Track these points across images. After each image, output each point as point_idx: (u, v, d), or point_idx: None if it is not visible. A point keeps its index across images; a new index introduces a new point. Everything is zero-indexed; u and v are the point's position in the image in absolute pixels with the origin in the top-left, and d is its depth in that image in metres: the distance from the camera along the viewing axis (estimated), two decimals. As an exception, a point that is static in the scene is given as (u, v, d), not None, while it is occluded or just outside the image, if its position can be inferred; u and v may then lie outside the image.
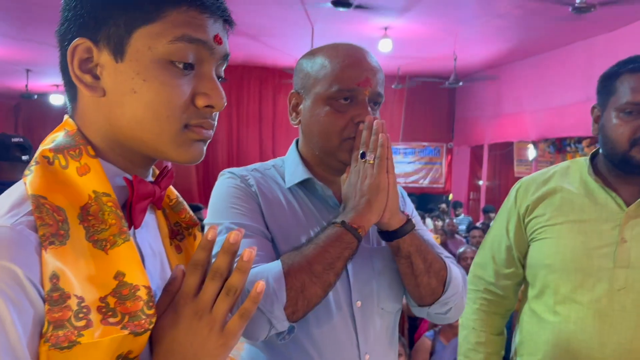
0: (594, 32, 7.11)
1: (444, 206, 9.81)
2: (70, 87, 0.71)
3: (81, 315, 0.59)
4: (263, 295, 0.97)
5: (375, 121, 1.10)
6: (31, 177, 0.64)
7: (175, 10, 0.67)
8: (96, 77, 0.68)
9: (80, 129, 0.71)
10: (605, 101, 1.44)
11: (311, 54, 1.20)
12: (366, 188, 1.07)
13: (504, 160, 10.21)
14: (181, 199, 0.85)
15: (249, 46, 8.25)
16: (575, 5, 5.49)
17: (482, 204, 10.11)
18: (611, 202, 1.42)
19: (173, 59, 0.67)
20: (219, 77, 0.74)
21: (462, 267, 1.25)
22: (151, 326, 0.64)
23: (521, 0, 5.86)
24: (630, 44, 6.33)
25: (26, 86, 10.33)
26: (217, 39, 0.71)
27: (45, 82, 10.75)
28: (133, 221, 0.71)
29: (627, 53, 1.55)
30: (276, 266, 1.02)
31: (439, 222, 8.03)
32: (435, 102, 11.18)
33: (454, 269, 1.19)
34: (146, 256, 0.74)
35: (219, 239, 0.70)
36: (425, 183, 11.29)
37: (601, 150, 1.48)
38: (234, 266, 0.69)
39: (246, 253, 0.67)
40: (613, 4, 5.49)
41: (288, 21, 7.07)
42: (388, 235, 1.12)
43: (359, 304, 1.14)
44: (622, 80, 1.39)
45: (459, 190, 11.11)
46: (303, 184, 1.19)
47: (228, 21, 0.74)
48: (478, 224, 7.67)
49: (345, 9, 6.08)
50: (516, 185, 1.61)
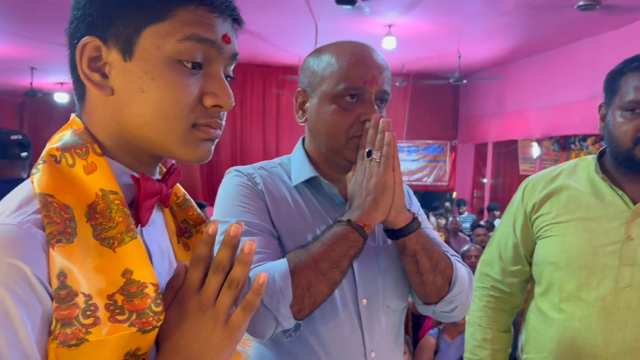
0: (599, 29, 7.09)
1: (448, 204, 9.81)
2: (79, 85, 0.71)
3: (89, 313, 0.60)
4: (269, 293, 0.98)
5: (381, 119, 1.10)
6: (38, 176, 0.65)
7: (184, 9, 0.67)
8: (104, 76, 0.68)
9: (87, 127, 0.71)
10: (611, 100, 1.44)
11: (318, 52, 1.19)
12: (372, 186, 1.07)
13: (508, 158, 10.19)
14: (188, 196, 0.85)
15: (252, 44, 8.25)
16: (581, 3, 5.47)
17: (486, 202, 10.10)
18: (618, 200, 1.42)
19: (181, 58, 0.67)
20: (227, 76, 0.73)
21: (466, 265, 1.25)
22: (159, 323, 0.65)
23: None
24: (636, 41, 6.31)
25: (31, 84, 10.37)
26: (226, 39, 0.71)
27: (50, 80, 10.79)
28: (140, 219, 0.71)
29: (633, 50, 1.54)
30: (282, 264, 1.02)
31: (442, 220, 8.03)
32: (440, 100, 11.17)
33: (460, 267, 1.19)
34: (154, 254, 0.74)
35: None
36: (429, 181, 11.28)
37: (607, 148, 1.48)
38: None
39: (246, 245, 0.67)
40: (619, 1, 5.46)
41: (292, 19, 7.07)
42: (394, 233, 1.12)
43: (364, 301, 1.14)
44: (626, 79, 1.39)
45: (463, 188, 11.10)
46: (309, 182, 1.19)
47: (237, 20, 0.74)
48: (482, 222, 7.66)
49: (349, 7, 6.07)
50: (523, 183, 1.61)
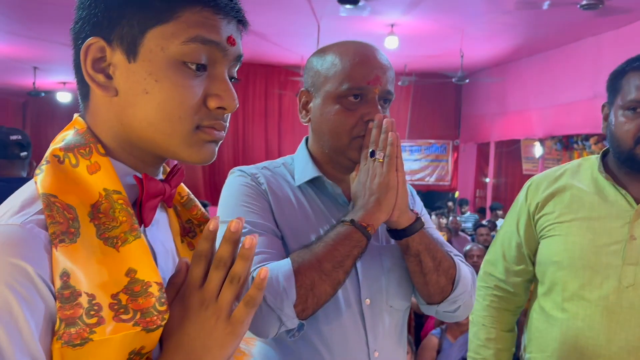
0: (601, 28, 7.07)
1: (451, 204, 9.80)
2: (83, 86, 0.71)
3: (92, 312, 0.60)
4: (273, 293, 0.98)
5: (385, 119, 1.10)
6: (42, 176, 0.65)
7: (188, 11, 0.67)
8: (109, 77, 0.68)
9: (90, 127, 0.71)
10: (613, 99, 1.44)
11: (321, 51, 1.19)
12: (375, 187, 1.07)
13: (510, 157, 10.18)
14: (192, 196, 0.85)
15: (255, 43, 8.25)
16: (584, 2, 5.46)
17: (489, 202, 10.09)
18: (621, 199, 1.42)
19: (186, 59, 0.67)
20: (231, 77, 0.73)
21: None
22: (164, 322, 0.65)
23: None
24: (638, 40, 6.31)
25: (33, 84, 10.39)
26: (231, 41, 0.70)
27: (53, 79, 10.80)
28: (143, 219, 0.71)
29: (635, 50, 1.54)
30: (286, 264, 1.02)
31: (443, 220, 8.01)
32: (442, 99, 11.16)
33: (463, 267, 1.19)
34: (158, 253, 0.74)
35: None
36: (431, 180, 11.27)
37: (609, 148, 1.48)
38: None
39: (247, 240, 0.67)
40: (621, 0, 5.45)
41: (294, 18, 7.07)
42: (397, 233, 1.12)
43: (367, 301, 1.15)
44: (628, 78, 1.40)
45: (465, 187, 11.09)
46: (312, 182, 1.19)
47: (242, 22, 0.74)
48: (484, 222, 7.65)
49: (351, 6, 6.07)
50: (527, 183, 1.61)
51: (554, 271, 1.47)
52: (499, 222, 7.59)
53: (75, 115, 0.73)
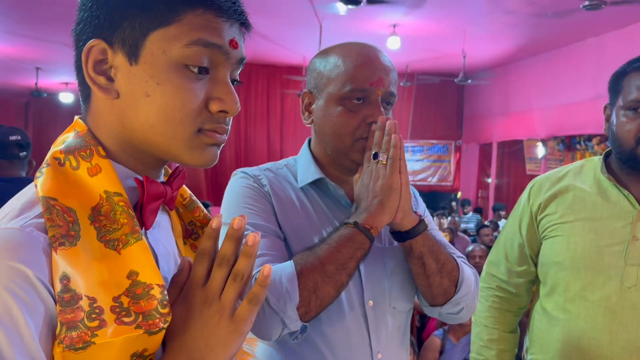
0: (604, 28, 7.07)
1: (454, 204, 9.79)
2: (84, 87, 0.71)
3: (94, 315, 0.59)
4: (276, 295, 0.98)
5: (388, 122, 1.10)
6: (42, 179, 0.64)
7: (191, 13, 0.66)
8: (110, 79, 0.68)
9: (91, 129, 0.70)
10: (614, 100, 1.45)
11: (324, 53, 1.19)
12: (379, 189, 1.07)
13: (512, 158, 10.17)
14: (194, 197, 0.85)
15: (256, 44, 8.25)
16: (587, 3, 5.45)
17: (491, 202, 10.08)
18: (624, 200, 1.42)
19: (188, 62, 0.66)
20: (234, 80, 0.73)
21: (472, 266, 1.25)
22: (166, 325, 0.64)
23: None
24: (641, 40, 6.29)
25: (36, 84, 10.41)
26: (233, 44, 0.70)
27: (55, 80, 10.82)
28: (144, 222, 0.70)
29: (637, 50, 1.55)
30: (289, 266, 1.02)
31: (444, 220, 7.99)
32: (444, 100, 11.16)
33: (466, 269, 1.19)
34: (159, 256, 0.74)
35: None
36: (433, 181, 11.27)
37: (611, 148, 1.48)
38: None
39: (250, 238, 0.67)
40: (623, 0, 5.44)
41: (296, 18, 7.07)
42: (400, 235, 1.12)
43: (370, 303, 1.14)
44: (629, 79, 1.40)
45: (467, 188, 11.09)
46: (315, 183, 1.19)
47: (245, 24, 0.73)
48: (486, 222, 7.64)
49: (353, 7, 6.07)
50: (530, 184, 1.61)
51: (556, 272, 1.47)
52: (501, 222, 7.58)
53: (76, 118, 0.72)
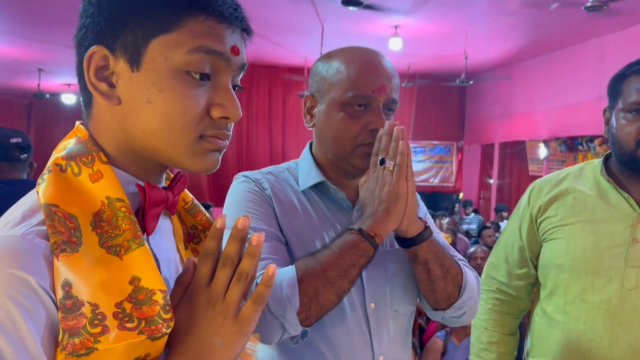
0: (606, 29, 7.06)
1: (457, 206, 9.77)
2: (86, 93, 0.71)
3: (96, 321, 0.59)
4: (277, 300, 0.98)
5: (396, 127, 1.09)
6: (44, 186, 0.64)
7: (193, 20, 0.66)
8: (112, 85, 0.67)
9: (93, 135, 0.70)
10: (614, 103, 1.45)
11: (327, 57, 1.19)
12: (385, 196, 1.06)
13: (514, 158, 10.16)
14: (196, 201, 0.85)
15: (258, 45, 8.20)
16: (588, 4, 5.45)
17: (493, 203, 10.07)
18: (624, 202, 1.42)
19: (190, 69, 0.66)
20: (235, 86, 0.73)
21: (473, 268, 1.25)
22: (169, 330, 0.64)
23: (532, -2, 5.83)
24: (643, 41, 6.28)
25: (38, 85, 10.43)
26: (235, 50, 0.70)
27: (57, 81, 10.85)
28: (146, 228, 0.70)
29: (639, 51, 1.54)
30: (290, 271, 1.02)
31: (444, 221, 7.97)
32: (446, 101, 11.16)
33: (469, 272, 1.19)
34: (161, 261, 0.74)
35: None
36: (435, 182, 11.26)
37: (611, 151, 1.48)
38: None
39: (254, 238, 0.67)
40: (626, 1, 5.44)
41: (298, 20, 7.08)
42: (405, 242, 1.11)
43: (372, 306, 1.14)
44: (629, 82, 1.41)
45: (469, 189, 11.08)
46: (317, 187, 1.19)
47: (246, 30, 0.73)
48: (488, 223, 7.63)
49: (355, 8, 6.07)
50: (530, 186, 1.62)
51: (556, 274, 1.48)
52: (503, 223, 7.57)
53: (77, 123, 0.72)
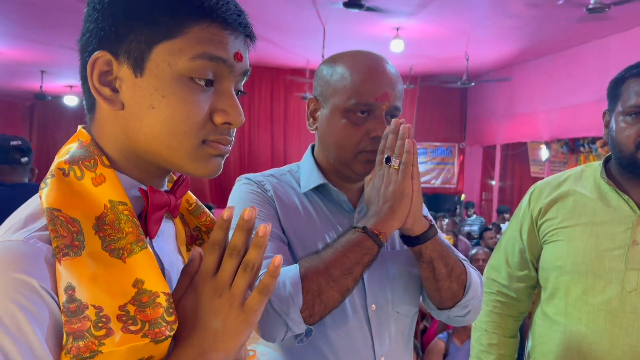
0: (607, 31, 7.06)
1: (458, 208, 9.76)
2: (89, 97, 0.71)
3: (101, 324, 0.60)
4: (280, 298, 0.98)
5: (402, 126, 1.09)
6: (46, 191, 0.65)
7: (197, 27, 0.67)
8: (115, 90, 0.68)
9: (95, 139, 0.71)
10: (613, 106, 1.46)
11: (332, 60, 1.19)
12: (390, 194, 1.06)
13: (516, 160, 10.15)
14: (200, 203, 0.85)
15: (260, 47, 8.18)
16: (590, 6, 5.45)
17: (495, 205, 10.06)
18: (624, 204, 1.43)
19: (193, 75, 0.67)
20: (237, 91, 0.73)
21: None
22: (172, 333, 0.64)
23: (534, 0, 5.83)
24: (644, 43, 6.28)
25: (40, 87, 10.45)
26: (238, 57, 0.70)
27: (60, 83, 10.86)
28: (148, 231, 0.71)
29: (641, 53, 1.55)
30: (294, 269, 1.02)
31: (444, 222, 7.96)
32: (447, 102, 11.15)
33: (473, 272, 1.19)
34: (165, 264, 0.74)
35: None
36: (437, 183, 11.26)
37: (611, 154, 1.49)
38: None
39: (261, 228, 0.67)
40: (627, 3, 5.44)
41: (299, 22, 7.08)
42: (410, 240, 1.11)
43: (373, 307, 1.15)
44: (628, 85, 1.41)
45: (471, 190, 11.07)
46: (318, 189, 1.20)
47: (250, 36, 0.74)
48: (489, 225, 7.63)
49: (357, 10, 6.07)
50: (530, 188, 1.62)
51: (556, 276, 1.48)
52: (504, 225, 7.57)
53: (80, 127, 0.73)
